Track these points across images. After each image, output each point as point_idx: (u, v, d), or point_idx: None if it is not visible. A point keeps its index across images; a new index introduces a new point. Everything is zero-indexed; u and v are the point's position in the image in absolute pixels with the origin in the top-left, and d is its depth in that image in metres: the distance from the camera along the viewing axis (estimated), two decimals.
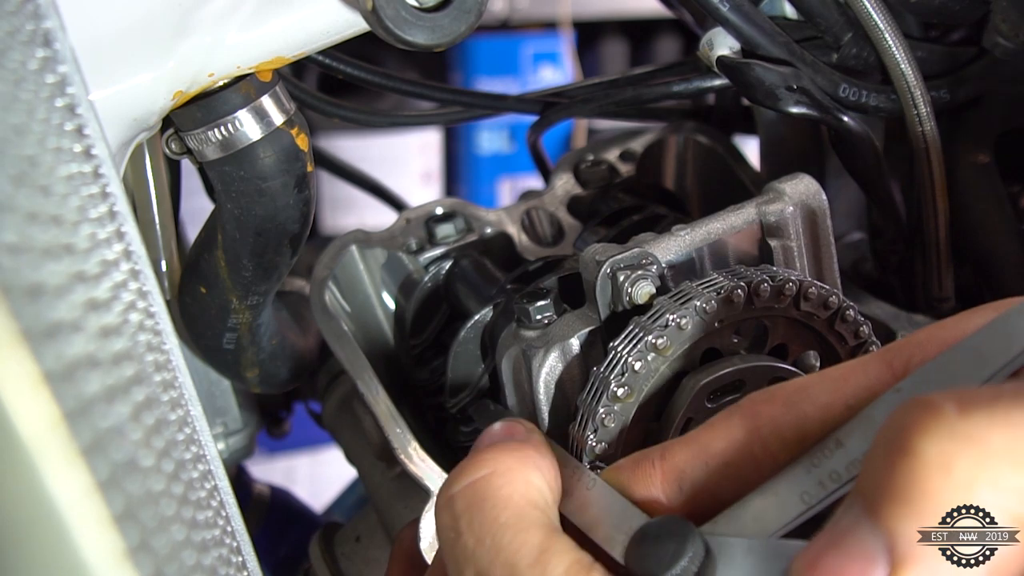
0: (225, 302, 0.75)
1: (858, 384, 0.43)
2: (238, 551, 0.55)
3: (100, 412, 0.33)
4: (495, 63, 3.18)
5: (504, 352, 0.64)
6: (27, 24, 0.43)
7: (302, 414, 1.04)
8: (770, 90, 0.72)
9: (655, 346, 0.56)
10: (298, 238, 0.72)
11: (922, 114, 0.75)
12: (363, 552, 0.83)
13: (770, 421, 0.44)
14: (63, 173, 0.41)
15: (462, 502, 0.45)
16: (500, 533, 0.43)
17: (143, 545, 0.32)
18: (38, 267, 0.32)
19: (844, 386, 0.44)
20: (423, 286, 0.82)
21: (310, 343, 0.91)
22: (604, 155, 0.92)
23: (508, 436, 0.50)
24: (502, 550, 0.42)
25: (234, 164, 0.66)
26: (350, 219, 2.97)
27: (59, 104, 0.45)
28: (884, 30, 0.73)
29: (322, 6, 0.62)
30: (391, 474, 0.81)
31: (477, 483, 0.45)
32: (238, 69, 0.63)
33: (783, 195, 0.64)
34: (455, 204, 0.86)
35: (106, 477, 0.30)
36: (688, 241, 0.63)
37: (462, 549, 0.43)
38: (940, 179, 0.78)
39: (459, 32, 0.59)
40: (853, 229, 0.91)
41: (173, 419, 0.47)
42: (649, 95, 0.86)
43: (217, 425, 0.94)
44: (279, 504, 1.08)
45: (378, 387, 0.73)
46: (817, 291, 0.58)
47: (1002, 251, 0.82)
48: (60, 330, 0.31)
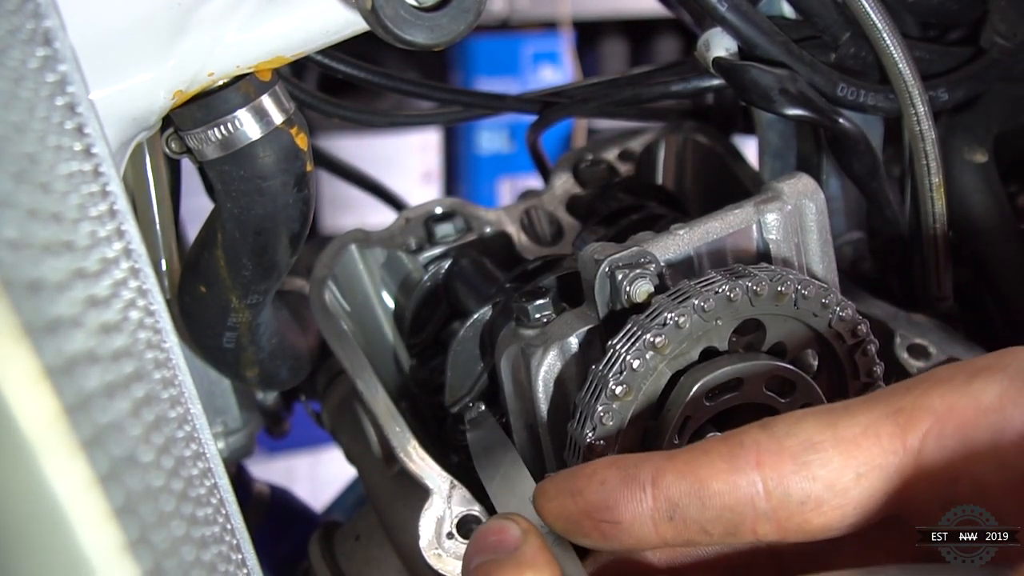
0: (225, 301, 0.75)
1: (871, 453, 0.42)
2: (238, 548, 0.55)
3: (100, 407, 0.33)
4: (495, 63, 3.18)
5: (503, 351, 0.64)
6: (27, 23, 0.43)
7: (302, 414, 1.04)
8: (766, 92, 0.72)
9: (653, 344, 0.56)
10: (298, 237, 0.72)
11: (920, 113, 0.75)
12: (363, 551, 0.83)
13: (777, 475, 0.43)
14: (63, 171, 0.41)
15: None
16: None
17: (142, 539, 0.32)
18: (38, 263, 0.32)
19: (856, 453, 0.42)
20: (422, 285, 0.82)
21: (310, 343, 0.91)
22: (603, 155, 0.92)
23: (499, 545, 0.46)
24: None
25: (234, 163, 0.66)
26: (350, 219, 2.97)
27: (59, 103, 0.45)
28: (882, 30, 0.73)
29: (322, 6, 0.62)
30: (390, 473, 0.81)
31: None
32: (238, 69, 0.63)
33: (781, 194, 0.65)
34: (454, 204, 0.86)
35: (106, 471, 0.30)
36: (686, 240, 0.63)
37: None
38: (939, 179, 0.78)
39: (458, 31, 0.59)
40: (852, 228, 0.91)
41: (173, 416, 0.47)
42: (648, 95, 0.86)
43: (217, 424, 0.94)
44: (279, 503, 1.08)
45: (377, 386, 0.74)
46: (815, 290, 0.59)
47: (1000, 250, 0.83)
48: (60, 326, 0.32)
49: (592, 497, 0.45)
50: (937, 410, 0.42)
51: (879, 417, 0.43)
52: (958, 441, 0.42)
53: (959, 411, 0.42)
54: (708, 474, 0.43)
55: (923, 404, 0.43)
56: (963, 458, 0.41)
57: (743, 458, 0.43)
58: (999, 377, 0.42)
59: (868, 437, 0.43)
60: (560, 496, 0.46)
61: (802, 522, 0.43)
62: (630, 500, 0.44)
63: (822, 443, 0.43)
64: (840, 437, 0.43)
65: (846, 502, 0.43)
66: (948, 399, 0.42)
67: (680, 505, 0.43)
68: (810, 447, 0.43)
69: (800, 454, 0.43)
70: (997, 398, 0.41)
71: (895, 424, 0.42)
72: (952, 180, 0.80)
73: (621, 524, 0.44)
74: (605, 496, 0.45)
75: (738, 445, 0.44)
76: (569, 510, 0.46)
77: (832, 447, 0.42)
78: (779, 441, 0.43)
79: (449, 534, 0.66)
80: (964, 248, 0.82)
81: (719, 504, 0.43)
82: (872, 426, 0.43)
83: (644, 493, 0.44)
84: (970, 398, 0.42)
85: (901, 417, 0.43)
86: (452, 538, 0.66)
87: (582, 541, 0.46)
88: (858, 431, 0.43)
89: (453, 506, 0.67)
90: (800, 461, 0.42)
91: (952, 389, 0.43)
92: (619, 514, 0.44)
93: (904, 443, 0.42)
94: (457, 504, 0.67)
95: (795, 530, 0.43)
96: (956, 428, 0.42)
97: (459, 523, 0.67)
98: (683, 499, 0.43)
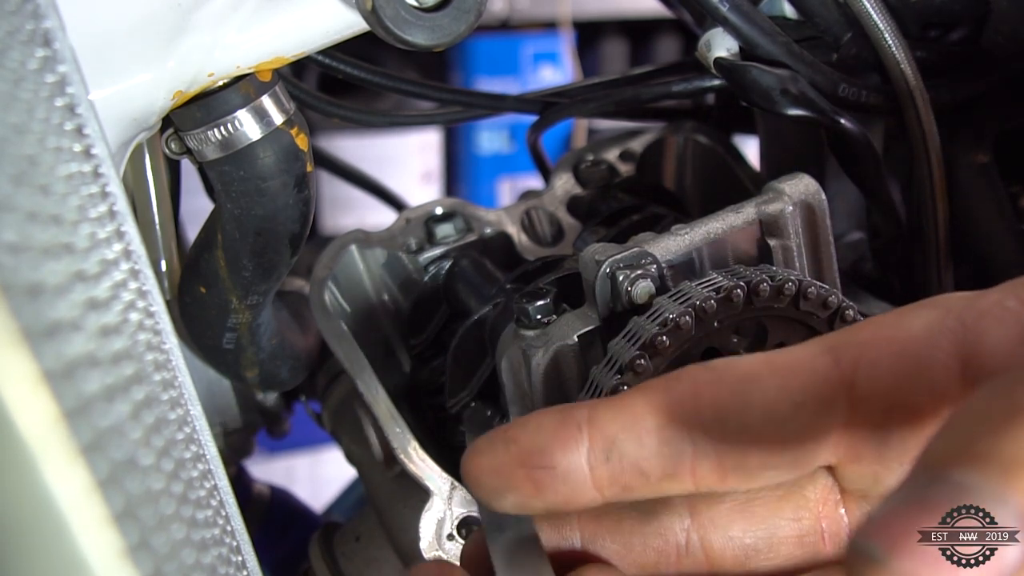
0: (225, 302, 0.75)
1: (805, 380, 0.41)
2: (238, 550, 0.55)
3: (100, 411, 0.33)
4: (495, 63, 3.18)
5: (504, 351, 0.64)
6: (27, 24, 0.43)
7: (302, 414, 1.04)
8: (766, 92, 0.72)
9: (654, 345, 0.56)
10: (298, 238, 0.72)
11: (921, 114, 0.75)
12: (363, 552, 0.83)
13: (713, 406, 0.41)
14: (63, 172, 0.41)
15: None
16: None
17: (143, 543, 0.32)
18: (38, 266, 0.32)
19: (792, 381, 0.41)
20: (423, 286, 0.82)
21: (310, 343, 0.91)
22: (604, 155, 0.92)
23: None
24: None
25: (234, 164, 0.66)
26: (350, 219, 2.97)
27: (59, 104, 0.45)
28: (883, 30, 0.73)
29: (322, 6, 0.62)
30: (391, 474, 0.81)
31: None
32: (238, 69, 0.63)
33: (782, 195, 0.65)
34: (455, 204, 0.86)
35: (106, 475, 0.30)
36: (687, 241, 0.63)
37: None
38: (939, 179, 0.78)
39: (459, 32, 0.59)
40: (853, 229, 0.91)
41: (173, 418, 0.47)
42: (649, 95, 0.86)
43: (217, 424, 0.94)
44: (279, 504, 1.08)
45: (378, 387, 0.74)
46: (816, 290, 0.58)
47: (1002, 251, 0.82)
48: (60, 329, 0.31)
49: (526, 443, 0.42)
50: (868, 342, 0.42)
51: (814, 352, 0.42)
52: (888, 370, 0.41)
53: (887, 337, 0.42)
54: (644, 409, 0.42)
55: (854, 338, 0.43)
56: (894, 387, 0.41)
57: (680, 391, 0.42)
58: (927, 311, 0.42)
59: (803, 365, 0.42)
60: (492, 447, 0.43)
61: (741, 457, 0.41)
62: (566, 440, 0.42)
63: (759, 374, 0.42)
64: (776, 368, 0.42)
65: (786, 434, 0.41)
66: (878, 332, 0.42)
67: (616, 442, 0.41)
68: (747, 378, 0.42)
69: (737, 385, 0.42)
70: (925, 328, 0.41)
71: (829, 356, 0.42)
72: (953, 180, 0.80)
73: (555, 470, 0.42)
74: (540, 440, 0.42)
75: (675, 379, 0.42)
76: (501, 461, 0.42)
77: (769, 377, 0.42)
78: (717, 374, 0.42)
79: (450, 535, 0.66)
80: (965, 249, 0.82)
81: (656, 439, 0.41)
82: (807, 357, 0.42)
83: (580, 432, 0.42)
84: (898, 330, 0.42)
85: (835, 351, 0.42)
86: (453, 539, 0.66)
87: (513, 501, 0.43)
88: (792, 360, 0.42)
89: (454, 507, 0.67)
90: (737, 391, 0.41)
91: (882, 324, 0.43)
92: (553, 458, 0.42)
93: (839, 370, 0.41)
94: (458, 505, 0.67)
95: (735, 467, 0.42)
96: (886, 357, 0.41)
97: (460, 524, 0.67)
98: (619, 435, 0.41)
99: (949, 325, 0.41)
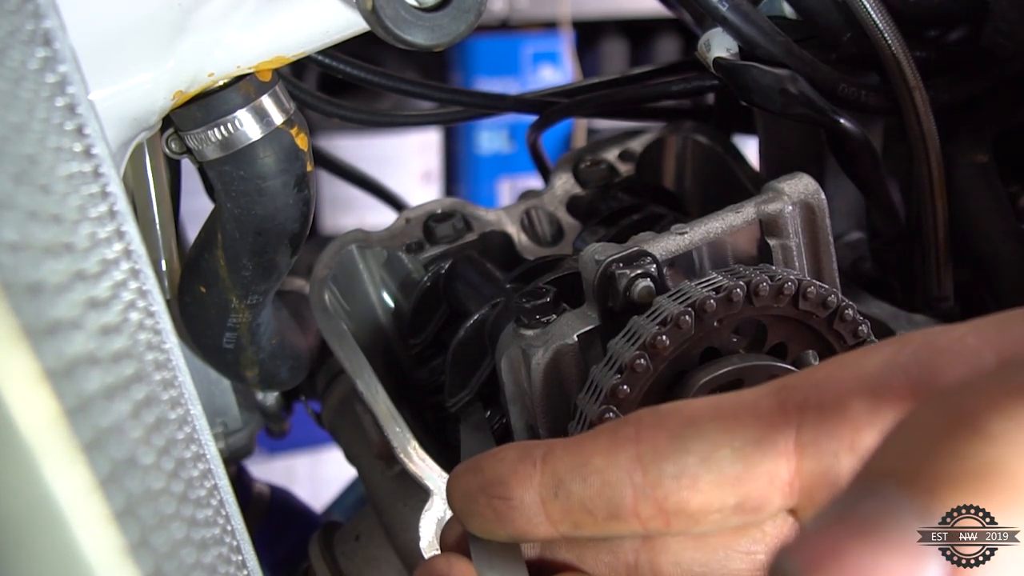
0: (225, 302, 0.75)
1: (748, 427, 0.41)
2: (238, 550, 0.55)
3: (100, 409, 0.33)
4: (495, 63, 3.18)
5: (503, 351, 0.64)
6: (27, 23, 0.43)
7: (302, 414, 1.04)
8: (766, 92, 0.72)
9: (654, 345, 0.56)
10: (298, 238, 0.72)
11: (921, 113, 0.75)
12: (363, 551, 0.83)
13: (653, 450, 0.42)
14: (63, 172, 0.41)
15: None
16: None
17: (143, 542, 0.32)
18: (38, 265, 0.32)
19: (735, 428, 0.41)
20: (422, 285, 0.82)
21: (310, 343, 0.91)
22: (603, 155, 0.92)
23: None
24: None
25: (234, 164, 0.66)
26: (350, 219, 2.97)
27: (59, 103, 0.45)
28: (883, 30, 0.73)
29: (322, 6, 0.62)
30: (391, 473, 0.81)
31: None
32: (238, 69, 0.63)
33: (782, 194, 0.65)
34: (455, 204, 0.86)
35: (106, 474, 0.30)
36: (687, 240, 0.63)
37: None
38: (939, 179, 0.78)
39: (459, 32, 0.59)
40: (852, 228, 0.91)
41: (173, 417, 0.47)
42: (648, 95, 0.86)
43: (217, 424, 0.94)
44: (279, 504, 1.08)
45: (377, 386, 0.74)
46: (816, 290, 0.59)
47: (1001, 251, 0.83)
48: (60, 328, 0.32)
49: (489, 473, 0.45)
50: (820, 382, 0.41)
51: (763, 394, 0.42)
52: (835, 412, 0.40)
53: (840, 379, 0.41)
54: (591, 449, 0.43)
55: (808, 380, 0.42)
56: (844, 428, 0.40)
57: (623, 433, 0.42)
58: (885, 348, 0.41)
59: (748, 413, 0.41)
60: (466, 473, 0.46)
61: (680, 501, 0.41)
62: (522, 475, 0.44)
63: (701, 418, 0.42)
64: (720, 412, 0.42)
65: (722, 479, 0.41)
66: (834, 372, 0.41)
67: (564, 480, 0.43)
68: (688, 422, 0.42)
69: (678, 428, 0.42)
70: (879, 366, 0.40)
71: (775, 401, 0.41)
72: (952, 180, 0.80)
73: (511, 501, 0.44)
74: (501, 471, 0.44)
75: (623, 422, 0.43)
76: (469, 486, 0.45)
77: (710, 421, 0.41)
78: (661, 417, 0.42)
79: None
80: (965, 248, 0.82)
81: (600, 480, 0.42)
82: (752, 403, 0.42)
83: (534, 468, 0.44)
84: (856, 368, 0.41)
85: (782, 393, 0.41)
86: None
87: (478, 523, 0.45)
88: (738, 407, 0.42)
89: None
90: (676, 434, 0.41)
91: (842, 363, 0.42)
92: (510, 489, 0.44)
93: (784, 415, 0.41)
94: None
95: (676, 512, 0.42)
96: (835, 398, 0.40)
97: None
98: (567, 474, 0.43)
99: (902, 361, 0.40)
